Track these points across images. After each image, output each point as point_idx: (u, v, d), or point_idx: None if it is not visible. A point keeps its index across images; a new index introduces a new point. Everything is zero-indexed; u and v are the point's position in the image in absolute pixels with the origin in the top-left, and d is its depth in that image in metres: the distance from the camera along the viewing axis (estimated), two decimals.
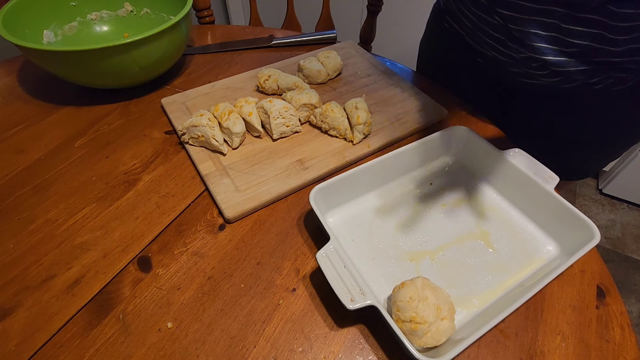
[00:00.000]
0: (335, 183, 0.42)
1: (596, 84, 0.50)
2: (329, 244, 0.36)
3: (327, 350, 0.34)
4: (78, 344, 0.34)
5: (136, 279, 0.39)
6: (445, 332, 0.32)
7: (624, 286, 1.27)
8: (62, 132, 0.55)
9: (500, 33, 0.51)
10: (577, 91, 0.52)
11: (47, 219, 0.44)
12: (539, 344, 0.35)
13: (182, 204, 0.46)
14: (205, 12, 0.88)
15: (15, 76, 0.64)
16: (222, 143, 0.49)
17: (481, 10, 0.52)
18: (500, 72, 0.58)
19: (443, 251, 0.41)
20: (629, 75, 0.48)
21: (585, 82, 0.50)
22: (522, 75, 0.55)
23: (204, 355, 0.34)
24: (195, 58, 0.70)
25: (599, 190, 1.57)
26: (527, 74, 0.54)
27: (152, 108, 0.59)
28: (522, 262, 0.40)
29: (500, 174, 0.46)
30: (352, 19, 1.62)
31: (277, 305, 0.37)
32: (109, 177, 0.48)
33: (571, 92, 0.53)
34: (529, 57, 0.50)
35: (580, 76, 0.50)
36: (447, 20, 0.64)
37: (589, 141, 0.59)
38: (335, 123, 0.51)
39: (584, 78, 0.50)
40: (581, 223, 0.39)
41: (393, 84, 0.62)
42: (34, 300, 0.37)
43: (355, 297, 0.33)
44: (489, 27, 0.52)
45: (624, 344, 0.36)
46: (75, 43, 0.65)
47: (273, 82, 0.59)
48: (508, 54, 0.53)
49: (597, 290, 0.39)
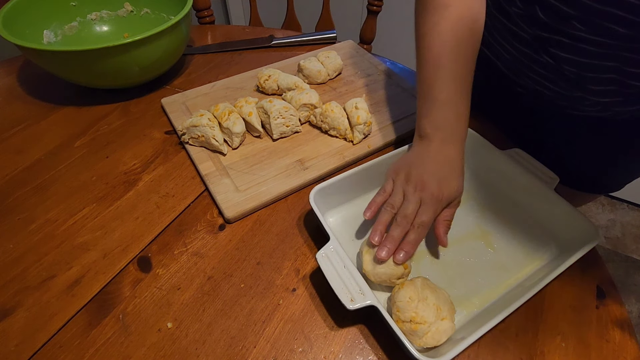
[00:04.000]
0: (335, 183, 0.42)
1: None
2: (329, 244, 0.36)
3: (327, 350, 0.34)
4: (78, 344, 0.34)
5: (136, 279, 0.39)
6: (445, 332, 0.32)
7: (624, 286, 1.27)
8: (62, 132, 0.55)
9: (549, 71, 0.46)
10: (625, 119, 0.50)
11: (47, 219, 0.44)
12: (539, 344, 0.35)
13: (182, 204, 0.46)
14: (205, 12, 0.88)
15: (15, 76, 0.64)
16: (222, 143, 0.49)
17: (527, 46, 0.46)
18: (540, 103, 0.54)
19: (443, 251, 0.41)
20: None
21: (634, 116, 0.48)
22: (568, 107, 0.51)
23: (204, 355, 0.34)
24: (195, 58, 0.70)
25: None
26: (573, 107, 0.50)
27: (152, 108, 0.59)
28: (522, 262, 0.40)
29: (500, 174, 0.46)
30: (352, 19, 1.62)
31: (277, 305, 0.37)
32: (109, 177, 0.48)
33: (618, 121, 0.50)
34: (582, 97, 0.46)
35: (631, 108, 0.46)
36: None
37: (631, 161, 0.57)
38: (335, 123, 0.51)
39: (633, 111, 0.47)
40: (581, 223, 0.39)
41: (393, 84, 0.62)
42: (34, 300, 0.37)
43: (355, 297, 0.33)
44: (536, 64, 0.47)
45: (624, 344, 0.36)
46: (75, 43, 0.65)
47: (273, 82, 0.59)
48: (557, 91, 0.48)
49: (597, 290, 0.39)
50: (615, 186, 0.63)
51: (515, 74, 0.52)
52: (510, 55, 0.50)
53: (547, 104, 0.53)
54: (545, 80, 0.48)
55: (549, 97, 0.50)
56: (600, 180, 0.61)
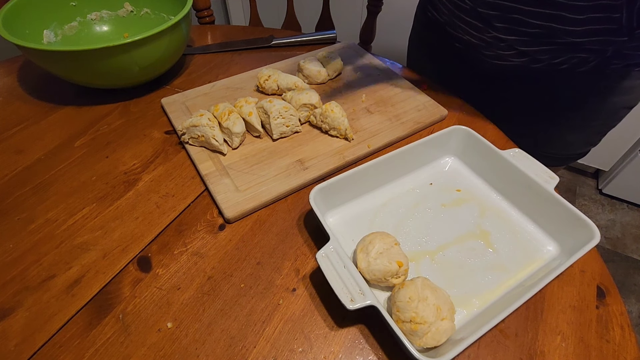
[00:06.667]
0: (335, 183, 0.42)
1: (561, 64, 0.52)
2: (329, 244, 0.36)
3: (327, 350, 0.34)
4: (78, 344, 0.34)
5: (136, 279, 0.39)
6: (445, 332, 0.32)
7: (624, 286, 1.27)
8: (62, 132, 0.55)
9: (471, 17, 0.55)
10: (545, 71, 0.55)
11: (47, 219, 0.44)
12: (539, 344, 0.35)
13: (182, 204, 0.46)
14: (205, 12, 0.88)
15: (15, 76, 0.64)
16: (222, 143, 0.49)
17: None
18: (475, 56, 0.62)
19: (443, 251, 0.41)
20: (591, 55, 0.50)
21: (551, 63, 0.53)
22: (494, 57, 0.58)
23: (204, 355, 0.34)
24: (195, 58, 0.70)
25: (599, 190, 1.57)
26: (497, 55, 0.57)
27: (152, 108, 0.59)
28: (522, 262, 0.40)
29: (500, 174, 0.46)
30: (352, 19, 1.62)
31: (277, 305, 0.37)
32: (109, 177, 0.48)
33: (539, 72, 0.55)
34: (497, 38, 0.54)
35: (545, 56, 0.52)
36: (429, 9, 0.68)
37: (563, 123, 0.61)
38: (335, 123, 0.51)
39: (549, 58, 0.52)
40: (581, 223, 0.39)
41: (393, 84, 0.62)
42: (34, 300, 0.37)
43: (355, 297, 0.33)
44: (462, 12, 0.56)
45: (624, 344, 0.36)
46: (75, 43, 0.65)
47: (273, 82, 0.59)
48: (479, 36, 0.56)
49: (597, 290, 0.39)
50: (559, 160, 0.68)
51: (453, 28, 0.61)
52: (447, 10, 0.60)
53: (478, 55, 0.61)
54: (469, 27, 0.57)
55: (476, 45, 0.59)
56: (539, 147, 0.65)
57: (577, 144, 0.65)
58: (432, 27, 0.69)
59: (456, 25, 0.60)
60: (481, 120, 0.58)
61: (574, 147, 0.66)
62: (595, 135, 0.64)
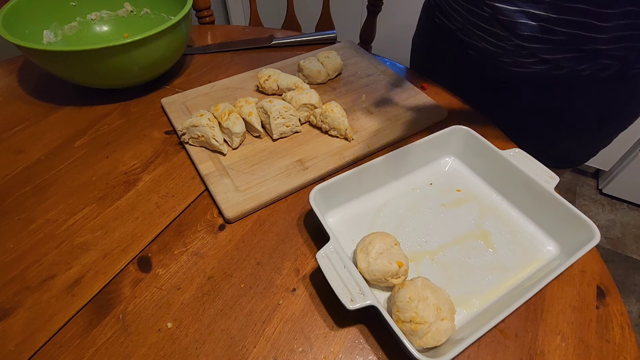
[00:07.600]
0: (335, 183, 0.42)
1: (584, 70, 0.52)
2: (329, 244, 0.36)
3: (327, 350, 0.34)
4: (78, 344, 0.34)
5: (136, 279, 0.39)
6: (445, 332, 0.32)
7: (624, 286, 1.28)
8: (62, 132, 0.55)
9: (490, 25, 0.53)
10: (566, 78, 0.54)
11: (47, 219, 0.44)
12: (539, 344, 0.35)
13: (182, 204, 0.46)
14: (205, 12, 0.88)
15: (15, 76, 0.64)
16: (222, 143, 0.49)
17: (470, 3, 0.54)
18: (492, 63, 0.59)
19: (443, 251, 0.41)
20: (615, 62, 0.50)
21: (574, 70, 0.52)
22: (513, 64, 0.56)
23: (204, 355, 0.34)
24: (195, 58, 0.70)
25: (599, 190, 1.57)
26: (517, 62, 0.55)
27: (152, 108, 0.59)
28: (522, 262, 0.40)
29: (500, 174, 0.46)
30: (352, 19, 1.62)
31: (277, 305, 0.37)
32: (109, 177, 0.48)
33: (560, 79, 0.54)
34: (519, 46, 0.52)
35: (569, 63, 0.51)
36: (437, 16, 0.66)
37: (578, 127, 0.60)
38: (335, 123, 0.51)
39: (572, 65, 0.51)
40: (581, 223, 0.39)
41: (393, 84, 0.62)
42: (34, 300, 0.37)
43: (355, 297, 0.33)
44: (478, 19, 0.54)
45: (624, 344, 0.36)
46: (75, 43, 0.65)
47: (273, 82, 0.59)
48: (498, 44, 0.54)
49: (597, 290, 0.39)
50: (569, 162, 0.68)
51: (467, 35, 0.59)
52: (461, 17, 0.58)
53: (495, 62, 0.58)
54: (488, 35, 0.54)
55: (494, 53, 0.56)
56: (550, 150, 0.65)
57: (589, 147, 0.65)
58: (440, 33, 0.66)
59: (471, 33, 0.57)
60: (481, 120, 0.58)
61: (585, 150, 0.65)
62: (608, 138, 0.64)
